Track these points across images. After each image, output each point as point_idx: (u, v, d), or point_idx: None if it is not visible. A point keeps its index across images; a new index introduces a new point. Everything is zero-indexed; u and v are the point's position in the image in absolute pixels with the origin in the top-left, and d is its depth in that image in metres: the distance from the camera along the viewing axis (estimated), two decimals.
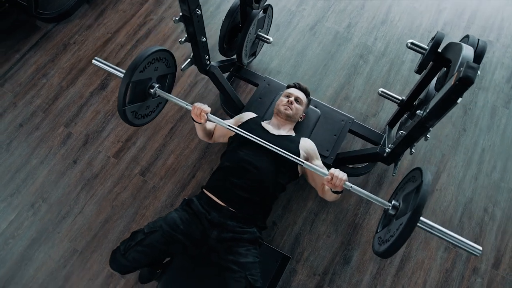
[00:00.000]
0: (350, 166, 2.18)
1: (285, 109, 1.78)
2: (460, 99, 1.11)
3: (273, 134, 1.71)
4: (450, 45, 1.48)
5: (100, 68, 1.92)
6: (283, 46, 2.68)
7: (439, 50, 1.54)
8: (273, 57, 2.64)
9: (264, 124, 1.78)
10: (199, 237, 1.52)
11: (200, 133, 1.82)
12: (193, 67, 2.03)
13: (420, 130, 1.33)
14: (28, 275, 2.02)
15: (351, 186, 1.37)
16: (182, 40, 1.69)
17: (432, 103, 1.23)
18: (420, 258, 2.03)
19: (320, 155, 2.00)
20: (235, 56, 2.26)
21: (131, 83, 1.48)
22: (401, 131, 1.47)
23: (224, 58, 2.33)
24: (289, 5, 2.85)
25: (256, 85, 2.30)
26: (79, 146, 2.35)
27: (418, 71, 1.64)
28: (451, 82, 1.10)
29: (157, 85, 1.64)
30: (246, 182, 1.57)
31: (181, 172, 2.26)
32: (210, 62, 1.91)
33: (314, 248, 2.06)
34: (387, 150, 1.65)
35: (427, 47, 1.59)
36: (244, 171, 1.59)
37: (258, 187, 1.57)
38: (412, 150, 1.50)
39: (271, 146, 1.47)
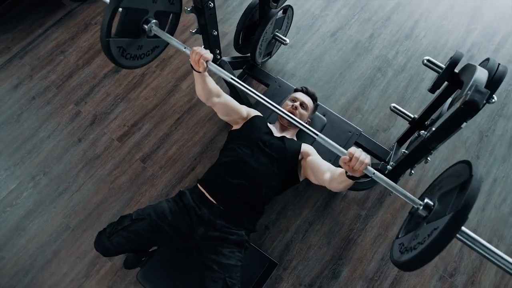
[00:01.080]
0: None
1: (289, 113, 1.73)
2: (464, 124, 1.05)
3: (276, 136, 1.68)
4: (466, 67, 1.41)
5: None
6: (301, 50, 2.63)
7: (456, 70, 1.47)
8: (289, 60, 2.59)
9: (270, 124, 1.74)
10: (186, 231, 1.50)
11: (198, 87, 1.56)
12: None
13: (422, 151, 1.27)
14: (20, 245, 2.05)
15: (374, 173, 1.10)
16: (193, 31, 1.67)
17: (436, 125, 1.17)
18: (412, 284, 1.95)
19: (334, 155, 1.95)
20: (249, 54, 2.23)
21: (120, 8, 1.25)
22: (404, 150, 1.41)
23: (239, 55, 2.31)
24: (313, 8, 2.80)
25: (267, 85, 2.27)
26: (86, 125, 2.37)
27: (432, 90, 1.57)
28: (457, 105, 1.04)
29: (154, 21, 1.40)
30: (240, 182, 1.53)
31: (181, 164, 2.25)
32: (220, 57, 1.89)
33: (303, 258, 2.01)
34: (389, 167, 1.59)
35: (443, 66, 1.52)
36: (239, 171, 1.56)
37: (251, 189, 1.54)
38: (412, 171, 1.44)
39: (281, 111, 1.29)
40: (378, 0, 2.85)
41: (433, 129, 1.17)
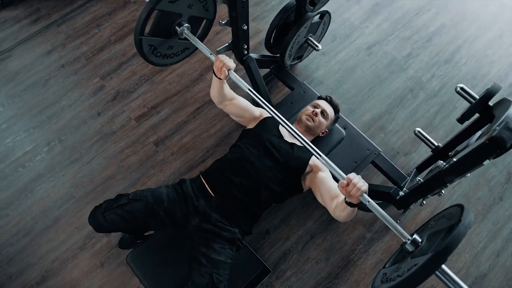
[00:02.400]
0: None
1: (307, 119, 1.67)
2: (487, 161, 0.97)
3: (286, 140, 1.62)
4: (502, 101, 1.31)
5: None
6: (333, 58, 2.56)
7: (490, 103, 1.38)
8: (320, 67, 2.53)
9: (281, 128, 1.69)
10: (180, 219, 1.48)
11: (213, 90, 1.61)
12: None
13: (437, 182, 1.19)
14: (25, 206, 2.09)
15: (368, 201, 1.13)
16: (223, 22, 1.64)
17: (457, 157, 1.09)
18: None
19: (333, 178, 1.89)
20: (279, 55, 2.19)
21: (157, 11, 1.32)
22: (419, 178, 1.32)
23: (268, 54, 2.27)
24: (353, 18, 2.72)
25: (291, 89, 2.22)
26: (107, 100, 2.40)
27: (460, 120, 1.48)
28: (482, 139, 0.96)
29: (186, 25, 1.46)
30: (242, 181, 1.50)
31: (193, 154, 2.24)
32: (248, 53, 1.86)
33: (299, 270, 1.95)
34: (401, 193, 1.51)
35: (477, 97, 1.42)
36: (242, 169, 1.52)
37: (251, 189, 1.50)
38: (424, 202, 1.35)
39: (285, 123, 1.28)
40: (422, 19, 2.74)
41: (454, 160, 1.09)
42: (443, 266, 0.92)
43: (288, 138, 1.65)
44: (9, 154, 2.24)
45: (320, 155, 1.22)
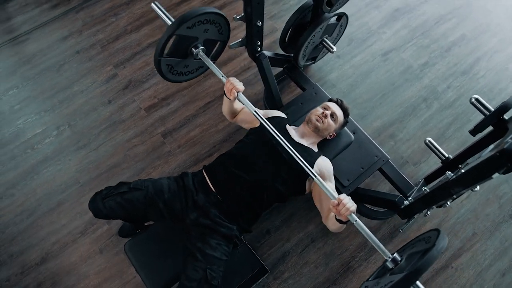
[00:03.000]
0: (369, 206, 2.01)
1: (316, 120, 1.64)
2: (496, 174, 0.93)
3: (293, 139, 1.60)
4: None
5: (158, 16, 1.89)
6: (348, 62, 2.53)
7: (505, 117, 1.34)
8: (334, 69, 2.50)
9: (288, 127, 1.66)
10: (179, 212, 1.47)
11: (225, 108, 1.76)
12: None
13: (443, 193, 1.15)
14: (30, 187, 2.11)
15: (356, 220, 1.20)
16: (238, 17, 1.63)
17: (466, 168, 1.06)
18: None
19: (339, 183, 1.86)
20: (292, 54, 2.16)
21: (175, 35, 1.41)
22: (425, 188, 1.29)
23: (282, 53, 2.25)
24: (371, 23, 2.68)
25: (303, 89, 2.20)
26: (119, 88, 2.41)
27: (473, 132, 1.44)
28: (492, 152, 0.93)
29: (201, 47, 1.53)
30: (245, 178, 1.48)
31: (200, 148, 2.23)
32: (261, 49, 1.84)
33: (297, 272, 1.93)
34: (406, 203, 1.48)
35: (492, 109, 1.38)
36: (246, 166, 1.50)
37: (254, 188, 1.48)
38: (428, 213, 1.32)
39: (285, 143, 1.36)
40: (442, 28, 2.68)
41: (462, 171, 1.05)
42: (419, 285, 1.01)
43: (296, 137, 1.63)
44: (19, 135, 2.26)
45: (315, 176, 1.30)
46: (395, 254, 1.15)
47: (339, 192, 1.83)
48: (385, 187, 2.12)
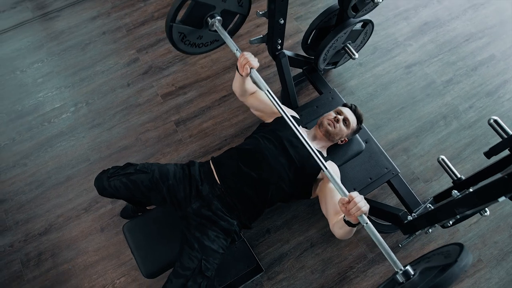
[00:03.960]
0: (373, 218, 1.97)
1: (328, 124, 1.62)
2: (503, 198, 0.90)
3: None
4: None
5: None
6: (369, 71, 2.49)
7: None
8: (354, 77, 2.47)
9: (301, 129, 1.65)
10: (181, 200, 1.47)
11: (235, 84, 1.65)
12: None
13: (447, 212, 1.12)
14: (42, 159, 2.16)
15: (366, 223, 1.10)
16: (260, 13, 1.62)
17: (473, 188, 1.03)
18: None
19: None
20: (313, 57, 2.15)
21: (191, 0, 1.34)
22: (429, 205, 1.26)
23: (304, 54, 2.23)
24: (398, 34, 2.63)
25: (320, 93, 2.17)
26: (139, 73, 2.44)
27: (487, 154, 1.40)
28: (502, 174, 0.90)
29: (218, 18, 1.45)
30: (252, 174, 1.47)
31: (211, 140, 2.24)
32: (281, 48, 1.83)
33: (292, 275, 1.91)
34: (409, 218, 1.44)
35: (510, 132, 1.34)
36: (254, 162, 1.49)
37: (259, 185, 1.47)
38: (429, 230, 1.28)
39: (298, 132, 1.28)
40: (471, 46, 2.61)
41: (470, 190, 1.02)
42: None
43: (307, 139, 1.62)
44: (38, 108, 2.32)
45: (326, 168, 1.21)
46: (408, 267, 1.04)
47: None
48: (392, 201, 2.07)
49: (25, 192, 2.08)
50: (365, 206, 1.11)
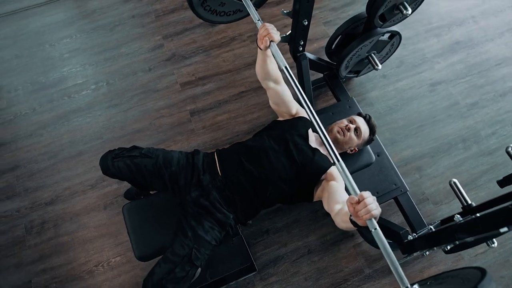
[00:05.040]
0: None
1: (338, 132, 1.58)
2: (505, 229, 0.85)
3: (310, 144, 1.56)
4: None
5: None
6: (392, 84, 2.44)
7: None
8: (375, 88, 2.42)
9: (310, 132, 1.62)
10: (182, 187, 1.48)
11: (257, 64, 1.54)
12: None
13: (447, 236, 1.08)
14: (58, 132, 2.22)
15: (375, 228, 0.96)
16: (285, 11, 1.61)
17: (477, 215, 0.98)
18: None
19: (346, 191, 1.80)
20: (335, 63, 2.12)
21: None
22: (430, 226, 1.22)
23: (326, 59, 2.20)
24: (426, 50, 2.56)
25: (338, 100, 2.14)
26: (161, 59, 2.47)
27: (501, 183, 1.35)
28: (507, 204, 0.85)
29: None
30: (252, 171, 1.46)
31: (223, 133, 2.24)
32: (303, 50, 1.81)
33: (285, 279, 1.89)
34: (410, 237, 1.40)
35: None
36: (257, 160, 1.48)
37: (258, 183, 1.46)
38: (426, 253, 1.24)
39: (318, 125, 1.18)
40: (502, 71, 2.51)
41: (472, 217, 0.98)
42: None
43: (313, 143, 1.59)
44: (61, 82, 2.38)
45: (338, 160, 1.08)
46: (416, 286, 0.93)
47: None
48: (397, 219, 2.02)
49: (37, 161, 2.14)
50: (376, 210, 0.97)
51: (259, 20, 1.35)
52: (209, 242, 1.40)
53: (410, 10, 1.61)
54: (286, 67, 1.23)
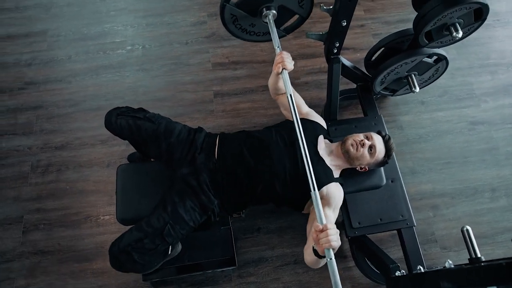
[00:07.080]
0: (368, 262, 1.80)
1: (351, 144, 1.47)
2: None
3: (317, 151, 1.47)
4: None
5: None
6: (429, 112, 2.27)
7: None
8: (410, 113, 2.26)
9: (321, 139, 1.53)
10: (175, 160, 1.45)
11: (270, 80, 1.64)
12: None
13: (431, 281, 0.97)
14: (85, 83, 2.28)
15: (331, 258, 1.02)
16: (325, 7, 1.52)
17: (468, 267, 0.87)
18: None
19: (348, 221, 1.70)
20: (371, 75, 2.00)
21: None
22: (420, 266, 1.10)
23: (362, 70, 2.08)
24: (476, 85, 2.36)
25: (365, 114, 2.03)
26: (201, 35, 2.46)
27: None
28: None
29: (273, 12, 1.43)
30: (250, 163, 1.40)
31: (241, 121, 2.20)
32: (338, 52, 1.72)
33: (263, 283, 1.81)
34: (398, 273, 1.28)
35: None
36: (258, 152, 1.42)
37: (252, 176, 1.40)
38: None
39: (303, 145, 1.22)
40: None
41: (462, 267, 0.86)
42: None
43: (321, 150, 1.50)
44: (100, 36, 2.44)
45: (314, 189, 1.13)
46: None
47: (341, 228, 1.67)
48: (395, 254, 1.86)
49: (59, 106, 2.20)
50: (336, 242, 1.05)
51: (278, 47, 1.42)
52: (187, 222, 1.36)
53: (460, 34, 1.47)
54: (290, 95, 1.31)
